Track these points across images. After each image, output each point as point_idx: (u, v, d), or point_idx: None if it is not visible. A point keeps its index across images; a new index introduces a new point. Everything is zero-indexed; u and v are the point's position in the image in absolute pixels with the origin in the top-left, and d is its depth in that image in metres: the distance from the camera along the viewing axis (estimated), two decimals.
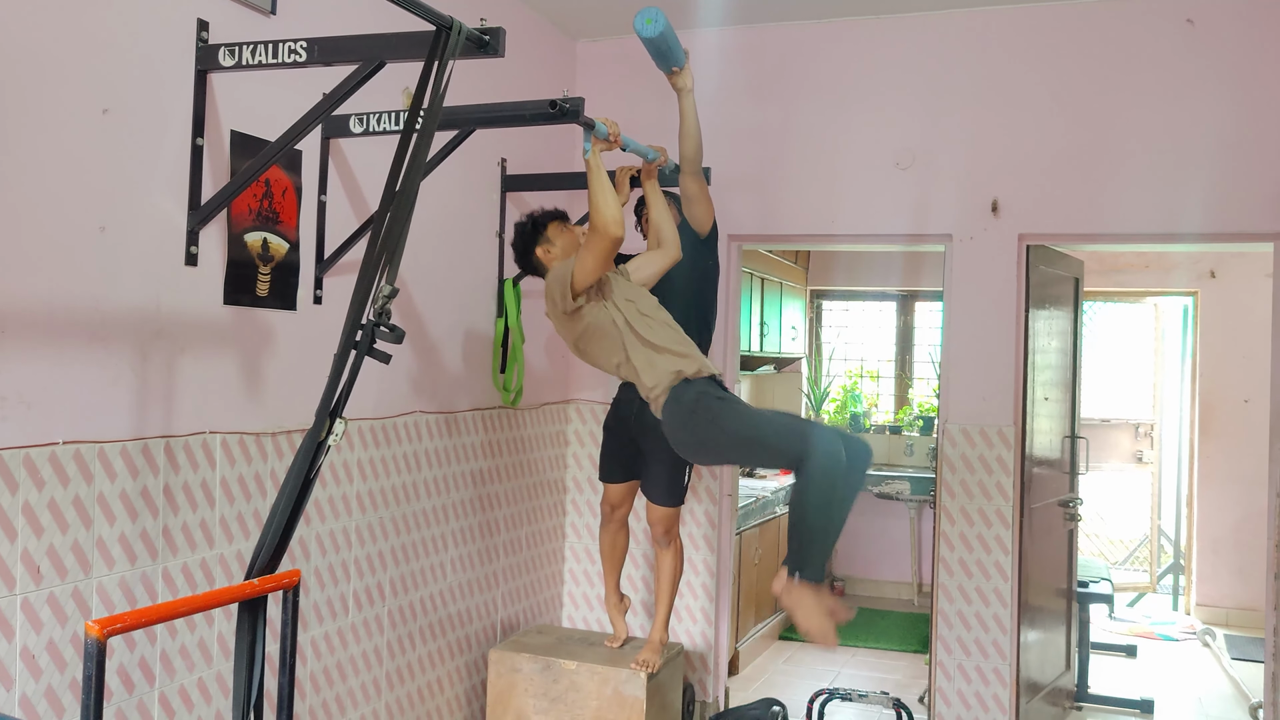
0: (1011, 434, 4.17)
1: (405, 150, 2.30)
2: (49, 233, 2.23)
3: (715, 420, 3.01)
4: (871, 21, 4.31)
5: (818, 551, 2.84)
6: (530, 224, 3.39)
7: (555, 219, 3.41)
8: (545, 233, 3.36)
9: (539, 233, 3.36)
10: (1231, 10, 3.88)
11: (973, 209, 4.18)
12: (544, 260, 3.36)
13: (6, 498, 2.16)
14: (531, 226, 3.38)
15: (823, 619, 2.80)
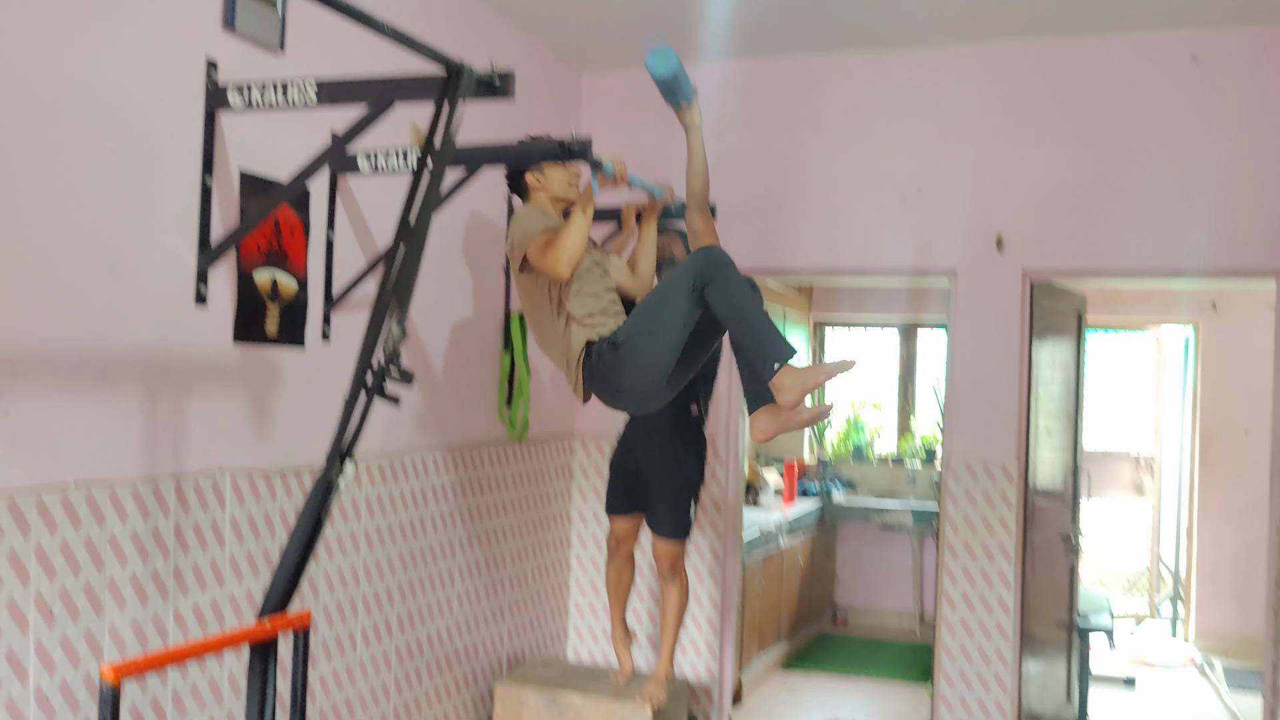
0: (1014, 469, 4.18)
1: (415, 193, 2.32)
2: (59, 274, 2.25)
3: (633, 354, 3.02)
4: (877, 56, 4.35)
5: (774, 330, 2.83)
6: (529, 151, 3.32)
7: (573, 152, 3.33)
8: (530, 176, 3.33)
9: (532, 169, 3.33)
10: (1236, 48, 3.91)
11: (977, 244, 4.21)
12: (531, 186, 3.33)
13: (19, 540, 2.16)
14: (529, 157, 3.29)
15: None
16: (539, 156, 2.93)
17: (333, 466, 2.24)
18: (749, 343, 2.84)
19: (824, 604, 7.31)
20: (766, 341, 2.79)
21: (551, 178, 3.31)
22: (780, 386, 2.76)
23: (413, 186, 2.32)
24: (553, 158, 2.86)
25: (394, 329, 2.22)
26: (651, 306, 3.01)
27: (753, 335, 2.82)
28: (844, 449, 7.82)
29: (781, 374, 2.75)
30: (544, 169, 3.30)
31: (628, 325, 3.08)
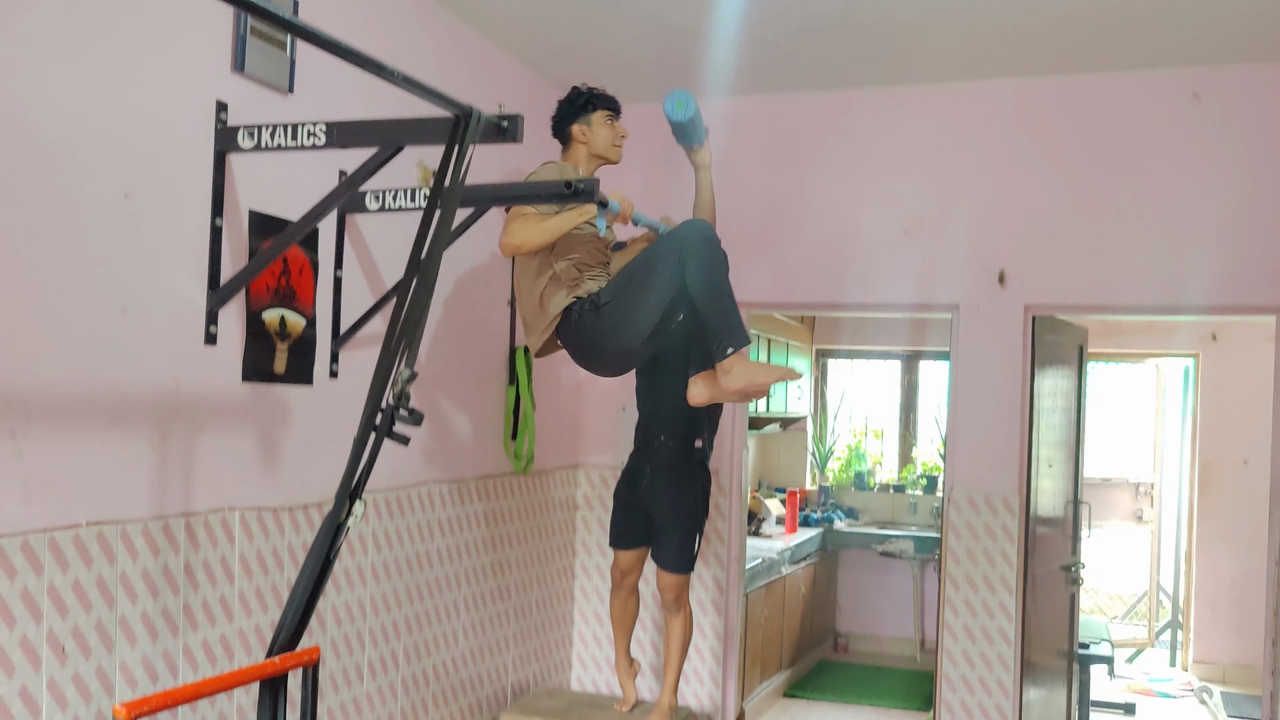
0: (1016, 502, 4.20)
1: (424, 236, 2.35)
2: (72, 317, 2.28)
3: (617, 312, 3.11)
4: (881, 93, 4.40)
5: (737, 316, 2.99)
6: (586, 97, 3.36)
7: (607, 108, 3.38)
8: (590, 115, 3.34)
9: (586, 111, 3.34)
10: (1237, 87, 3.96)
11: (979, 279, 4.24)
12: (574, 138, 3.35)
13: (32, 580, 2.19)
14: (585, 100, 3.35)
15: (770, 368, 3.02)
16: (545, 198, 2.96)
17: (342, 507, 2.27)
18: (712, 318, 2.97)
19: (826, 631, 7.32)
20: (727, 324, 2.95)
21: (597, 133, 3.34)
22: (727, 369, 2.97)
23: (421, 229, 2.35)
24: (558, 199, 2.89)
25: (403, 370, 2.25)
26: (637, 272, 3.10)
27: (718, 313, 2.96)
28: (846, 477, 7.84)
29: (732, 359, 2.95)
30: (591, 122, 3.33)
31: (612, 287, 3.16)
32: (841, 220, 4.44)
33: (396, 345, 2.28)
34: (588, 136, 3.35)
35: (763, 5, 3.51)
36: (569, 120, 3.38)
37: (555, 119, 3.44)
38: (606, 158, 3.39)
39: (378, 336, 3.14)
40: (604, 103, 3.39)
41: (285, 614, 2.27)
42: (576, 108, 3.37)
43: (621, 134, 3.40)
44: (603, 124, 3.35)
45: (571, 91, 3.43)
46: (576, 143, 3.37)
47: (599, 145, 3.35)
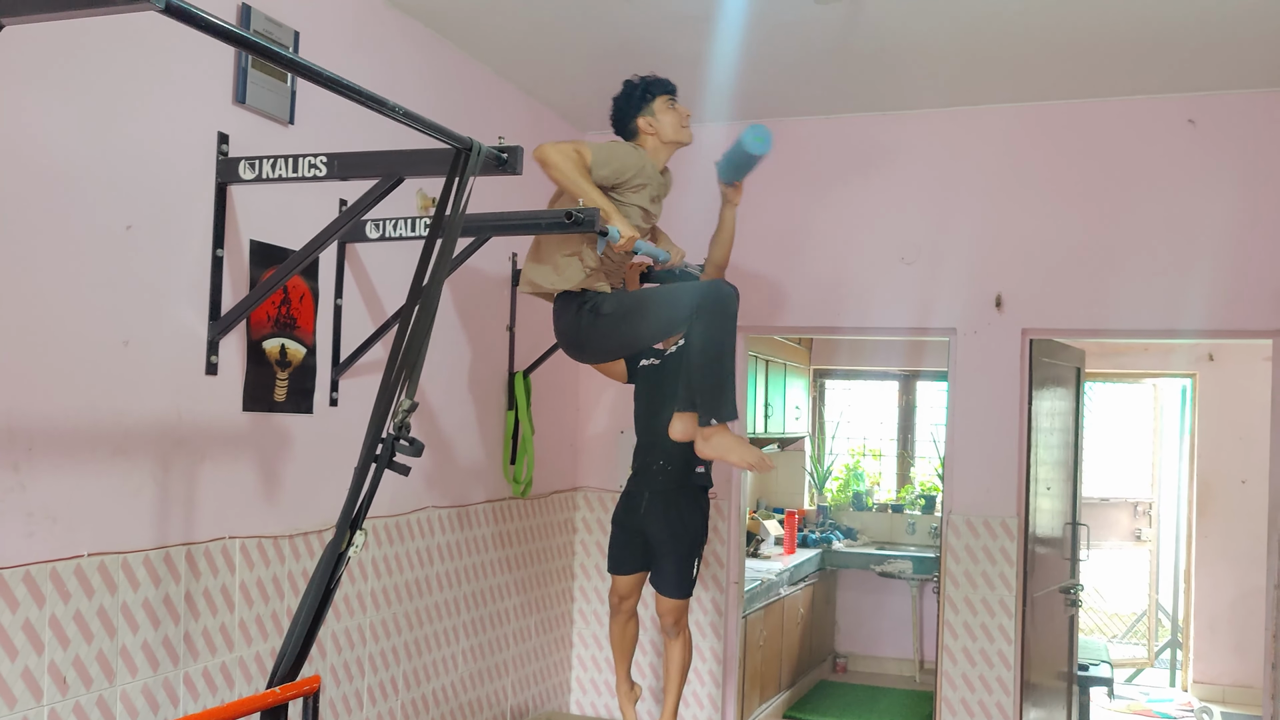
0: (1014, 525, 4.21)
1: (425, 266, 2.37)
2: (75, 349, 2.29)
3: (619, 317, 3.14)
4: (878, 118, 4.43)
5: (730, 390, 3.01)
6: (641, 88, 3.29)
7: (665, 92, 3.30)
8: (652, 105, 3.26)
9: (646, 102, 3.27)
10: (1232, 111, 3.99)
11: (977, 304, 4.26)
12: (641, 130, 3.27)
13: (34, 611, 2.20)
14: (642, 91, 3.28)
15: (752, 449, 3.01)
16: (546, 228, 2.98)
17: (343, 537, 2.27)
18: (706, 385, 2.99)
19: (825, 652, 7.31)
20: (720, 395, 2.98)
21: (663, 121, 3.28)
22: (707, 437, 3.00)
23: (422, 259, 2.37)
24: (559, 229, 2.91)
25: (403, 400, 2.26)
26: (648, 304, 3.13)
27: (714, 381, 2.98)
28: (844, 497, 7.84)
29: (715, 428, 2.98)
30: (655, 112, 3.27)
31: (620, 303, 3.16)
32: (840, 244, 4.47)
33: (397, 375, 2.29)
34: (655, 126, 3.27)
35: (761, 32, 3.54)
36: (631, 115, 3.30)
37: (615, 116, 3.34)
38: (679, 141, 3.31)
39: (378, 364, 3.16)
40: (661, 88, 3.29)
41: (286, 643, 2.28)
42: (635, 101, 3.29)
43: (685, 114, 3.33)
44: (666, 109, 3.28)
45: (625, 86, 3.33)
46: (644, 134, 3.28)
47: (668, 132, 3.28)
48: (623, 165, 3.15)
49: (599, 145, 3.14)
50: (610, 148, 3.18)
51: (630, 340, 3.26)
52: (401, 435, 2.27)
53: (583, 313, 3.18)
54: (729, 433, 3.02)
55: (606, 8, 3.36)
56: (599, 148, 3.13)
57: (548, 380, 4.36)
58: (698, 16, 3.39)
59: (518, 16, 3.46)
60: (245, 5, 2.74)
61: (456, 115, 3.60)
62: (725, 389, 3.00)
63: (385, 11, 3.35)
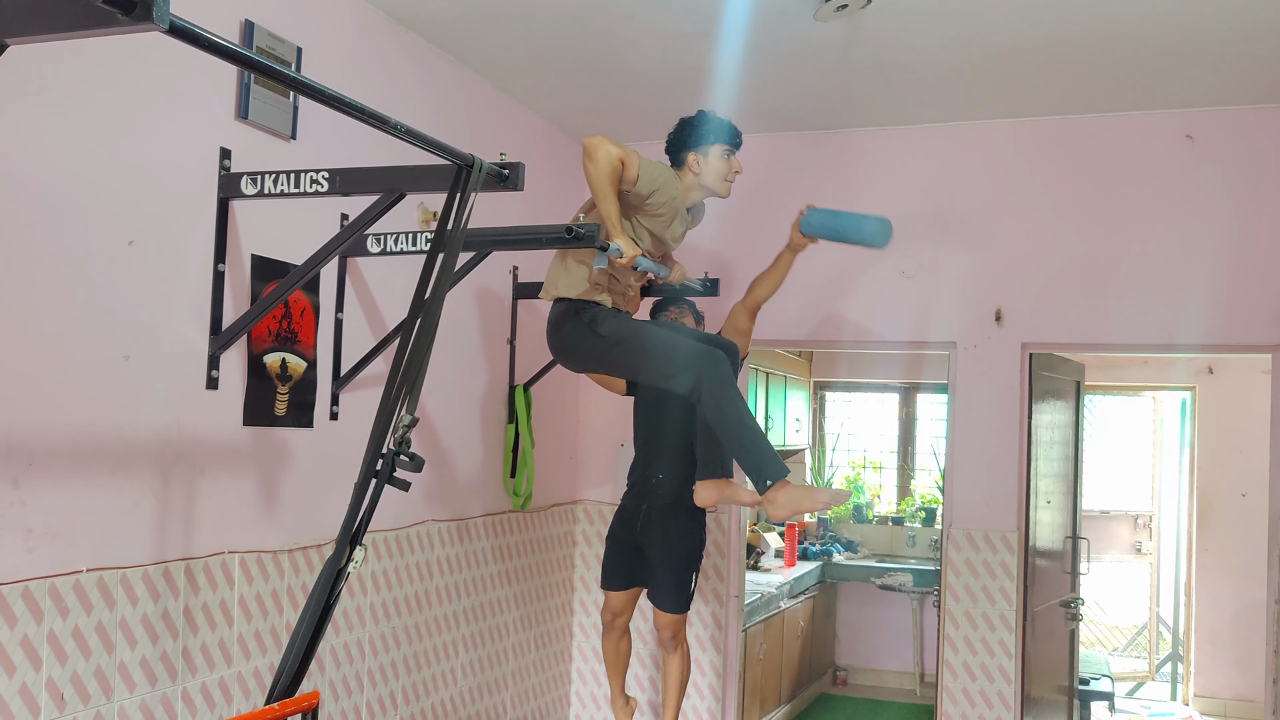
0: (1015, 539, 4.20)
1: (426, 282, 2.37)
2: (76, 364, 2.30)
3: None
4: (878, 132, 4.44)
5: (768, 446, 2.98)
6: (708, 127, 3.23)
7: (729, 144, 3.24)
8: (710, 147, 3.21)
9: (705, 142, 3.21)
10: (1229, 128, 4.00)
11: (976, 318, 4.27)
12: (689, 166, 3.22)
13: (32, 627, 2.19)
14: (707, 130, 3.23)
15: (820, 492, 3.01)
16: (546, 243, 2.99)
17: (343, 552, 2.27)
18: (748, 454, 2.96)
19: (825, 665, 7.29)
20: (764, 458, 2.94)
21: (711, 166, 3.22)
22: (773, 500, 2.92)
23: (423, 275, 2.37)
24: (560, 244, 2.92)
25: (404, 415, 2.26)
26: (645, 347, 3.12)
27: (753, 448, 2.96)
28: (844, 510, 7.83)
29: (776, 489, 2.92)
30: (708, 154, 3.21)
31: (617, 329, 3.14)
32: (840, 258, 4.46)
33: (398, 390, 2.29)
34: (701, 168, 3.23)
35: (761, 48, 3.55)
36: (686, 145, 3.24)
37: (672, 137, 3.29)
38: (715, 192, 3.29)
39: (379, 378, 3.16)
40: (725, 135, 3.23)
41: (285, 659, 2.27)
42: (696, 135, 3.22)
43: (736, 170, 3.27)
44: (719, 158, 3.22)
45: (696, 116, 3.27)
46: (688, 170, 3.24)
47: (710, 178, 3.24)
48: (656, 188, 3.11)
49: (650, 162, 3.10)
50: (658, 169, 3.12)
51: (616, 368, 3.27)
52: (402, 450, 2.27)
53: (579, 323, 3.18)
54: (792, 487, 2.94)
55: (608, 24, 3.37)
56: (648, 165, 3.08)
57: (548, 393, 4.37)
58: (698, 33, 3.41)
59: (520, 32, 3.48)
60: (249, 22, 2.75)
61: (458, 130, 3.61)
62: (764, 449, 2.96)
63: (388, 27, 3.36)
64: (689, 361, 3.02)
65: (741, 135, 3.31)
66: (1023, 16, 3.23)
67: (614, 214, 3.02)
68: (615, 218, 3.02)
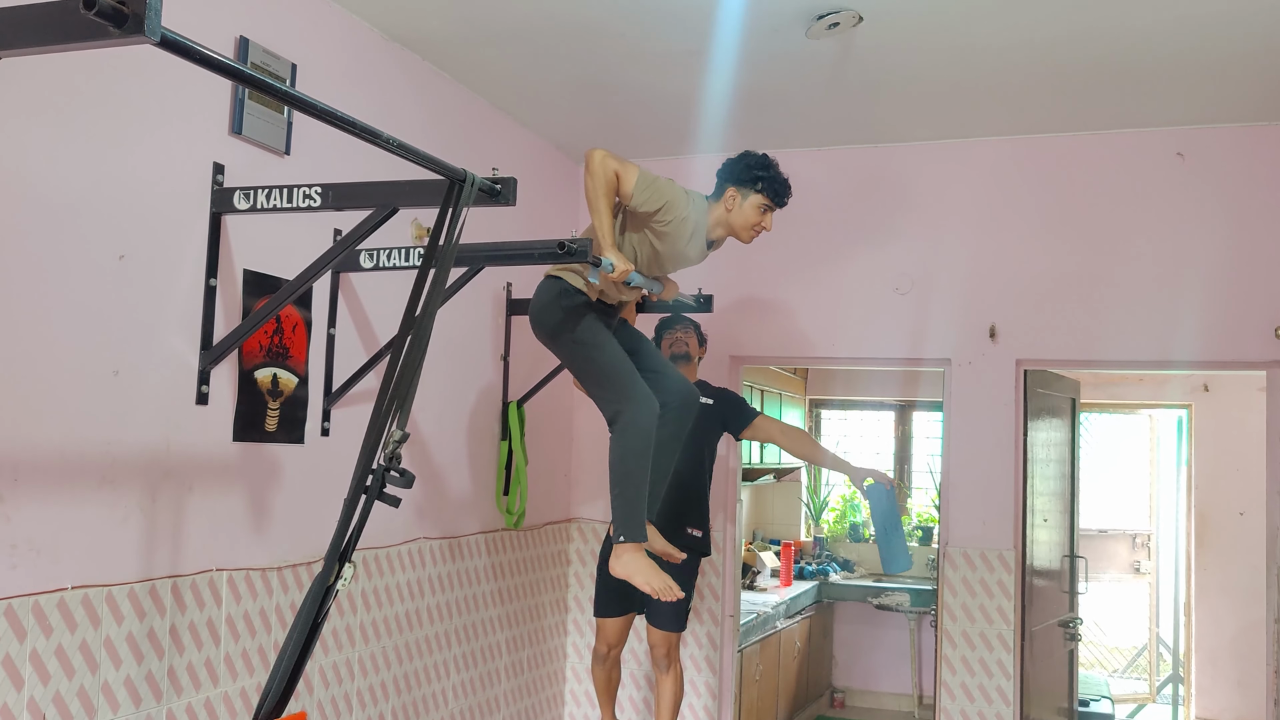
0: (1011, 558, 4.18)
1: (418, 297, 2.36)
2: (64, 379, 2.27)
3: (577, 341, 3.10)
4: (870, 150, 4.45)
5: (638, 510, 2.99)
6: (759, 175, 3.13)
7: (771, 199, 3.16)
8: (752, 193, 3.13)
9: (749, 186, 3.13)
10: (1219, 145, 4.01)
11: (971, 334, 4.26)
12: (724, 200, 3.15)
13: (14, 646, 2.16)
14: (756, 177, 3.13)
15: (659, 575, 2.97)
16: (539, 258, 2.97)
17: (331, 569, 2.24)
18: (617, 502, 3.02)
19: (822, 686, 7.24)
20: (628, 516, 2.99)
21: (744, 212, 3.15)
22: (619, 555, 3.00)
23: (415, 289, 2.35)
24: (553, 260, 2.91)
25: (395, 431, 2.24)
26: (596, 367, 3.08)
27: (623, 500, 3.00)
28: (840, 529, 7.80)
29: (625, 546, 2.98)
30: (748, 197, 3.14)
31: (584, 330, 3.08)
32: (833, 275, 4.47)
33: (389, 406, 2.27)
34: (734, 206, 3.15)
35: (754, 66, 3.55)
36: (731, 179, 3.16)
37: (724, 166, 3.21)
38: (737, 236, 3.22)
39: (370, 393, 3.14)
40: (771, 190, 3.15)
41: (271, 678, 2.24)
42: (746, 175, 3.14)
43: (766, 227, 3.20)
44: (755, 208, 3.15)
45: (759, 158, 3.17)
46: (723, 203, 3.16)
47: (737, 222, 3.17)
48: (661, 205, 3.05)
49: (653, 179, 3.05)
50: (663, 187, 3.05)
51: (568, 364, 3.23)
52: (392, 466, 2.25)
53: (558, 305, 3.11)
54: (639, 553, 2.99)
55: (602, 42, 3.38)
56: (650, 181, 3.03)
57: (542, 410, 4.34)
58: (691, 50, 3.41)
59: (513, 50, 3.48)
60: (243, 38, 2.75)
61: (451, 146, 3.60)
62: (635, 510, 2.98)
63: (382, 44, 3.36)
64: (618, 395, 3.01)
65: (788, 199, 3.22)
66: (1014, 35, 3.24)
67: (607, 227, 2.99)
68: (608, 231, 3.00)
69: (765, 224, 3.20)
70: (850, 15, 3.10)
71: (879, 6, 3.06)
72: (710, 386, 4.07)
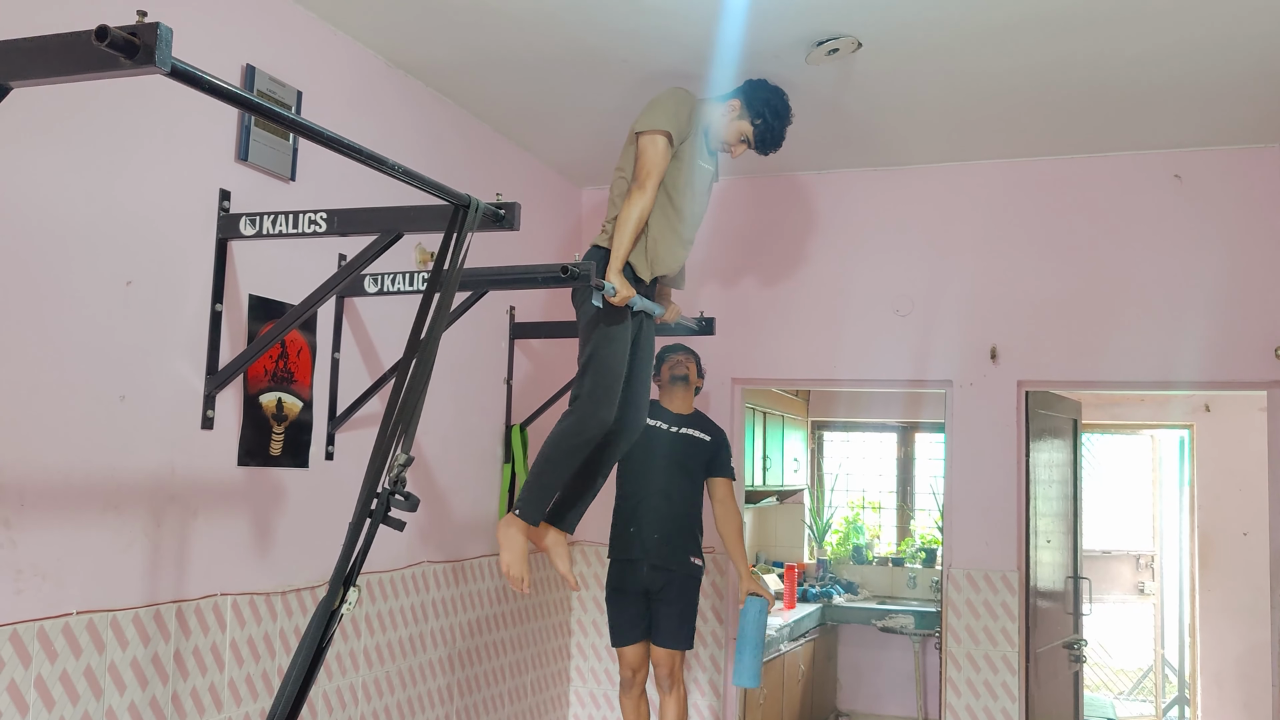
0: (1015, 579, 4.17)
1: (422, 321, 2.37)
2: (71, 404, 2.29)
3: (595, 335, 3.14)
4: (870, 173, 4.47)
5: (537, 492, 3.08)
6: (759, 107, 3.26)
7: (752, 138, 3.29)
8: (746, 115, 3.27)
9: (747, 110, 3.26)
10: (1216, 168, 4.03)
11: (972, 356, 4.27)
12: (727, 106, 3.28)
13: (20, 672, 2.16)
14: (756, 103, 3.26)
15: (517, 562, 3.04)
16: (543, 283, 2.99)
17: (336, 594, 2.25)
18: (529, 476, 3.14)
19: (826, 710, 7.20)
20: (529, 495, 3.10)
21: (730, 127, 3.28)
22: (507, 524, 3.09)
23: (420, 314, 2.37)
24: (556, 284, 2.92)
25: (399, 454, 2.25)
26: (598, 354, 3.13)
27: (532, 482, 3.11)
28: (844, 551, 7.78)
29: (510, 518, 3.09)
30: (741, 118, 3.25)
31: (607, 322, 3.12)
32: (833, 299, 4.48)
33: (393, 429, 2.28)
34: (728, 118, 3.27)
35: None
36: (743, 97, 3.27)
37: (747, 83, 3.31)
38: (722, 141, 3.33)
39: (374, 417, 3.15)
40: (760, 134, 3.28)
41: (276, 703, 2.23)
42: (754, 106, 3.25)
43: (733, 153, 3.35)
44: (737, 133, 3.28)
45: (777, 104, 3.28)
46: (723, 106, 3.29)
47: (718, 131, 3.30)
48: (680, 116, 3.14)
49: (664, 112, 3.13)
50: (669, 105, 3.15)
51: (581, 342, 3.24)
52: (397, 490, 2.26)
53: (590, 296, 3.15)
54: (521, 533, 3.07)
55: (603, 67, 3.41)
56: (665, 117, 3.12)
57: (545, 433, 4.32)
58: (692, 75, 3.44)
59: (515, 75, 3.51)
60: (250, 66, 2.78)
61: (456, 172, 3.63)
62: (541, 493, 3.09)
63: (387, 71, 3.40)
64: (591, 393, 3.09)
65: (769, 153, 3.34)
66: (1012, 59, 3.27)
67: (625, 254, 3.09)
68: (624, 255, 3.08)
69: (734, 151, 3.34)
70: (849, 41, 3.13)
71: (878, 33, 3.09)
72: (711, 423, 4.11)
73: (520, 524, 3.08)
